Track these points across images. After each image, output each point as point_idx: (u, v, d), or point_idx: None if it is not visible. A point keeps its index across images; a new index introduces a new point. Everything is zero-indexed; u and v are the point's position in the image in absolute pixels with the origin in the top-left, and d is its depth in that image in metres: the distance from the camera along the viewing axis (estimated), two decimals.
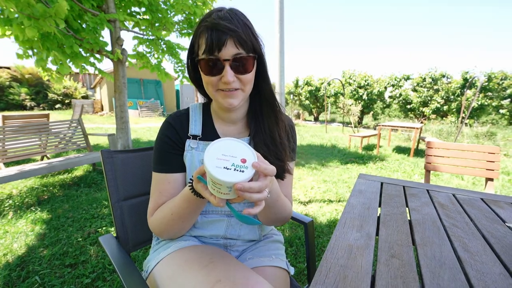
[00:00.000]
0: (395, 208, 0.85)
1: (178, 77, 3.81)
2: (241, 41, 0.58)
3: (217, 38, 0.56)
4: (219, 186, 0.44)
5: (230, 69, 0.59)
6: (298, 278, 1.50)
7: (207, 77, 0.61)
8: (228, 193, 0.45)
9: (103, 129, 7.78)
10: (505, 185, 3.53)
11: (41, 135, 2.95)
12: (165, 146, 0.68)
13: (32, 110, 14.98)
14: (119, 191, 0.87)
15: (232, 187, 0.44)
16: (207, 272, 0.56)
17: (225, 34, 0.56)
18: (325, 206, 2.52)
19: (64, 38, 2.62)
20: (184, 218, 0.63)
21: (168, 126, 0.70)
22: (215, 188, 0.46)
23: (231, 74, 0.59)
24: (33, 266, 1.53)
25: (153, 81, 14.50)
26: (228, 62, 0.58)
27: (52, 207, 2.34)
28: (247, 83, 0.63)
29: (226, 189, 0.44)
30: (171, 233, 0.68)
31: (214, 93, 0.63)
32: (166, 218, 0.64)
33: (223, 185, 0.44)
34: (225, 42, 0.56)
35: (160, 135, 0.69)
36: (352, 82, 13.25)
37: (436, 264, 0.55)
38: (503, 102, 11.30)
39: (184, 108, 0.75)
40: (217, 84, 0.61)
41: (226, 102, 0.63)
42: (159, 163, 0.68)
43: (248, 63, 0.60)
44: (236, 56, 0.58)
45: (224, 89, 0.61)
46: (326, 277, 0.50)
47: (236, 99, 0.63)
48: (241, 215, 0.48)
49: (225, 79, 0.59)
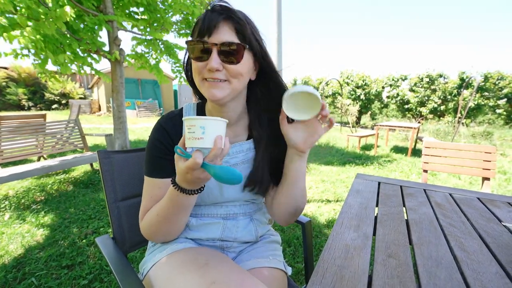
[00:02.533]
0: (392, 207, 0.86)
1: (176, 77, 3.80)
2: (237, 28, 0.56)
3: (210, 20, 0.54)
4: (193, 129, 0.46)
5: (217, 56, 0.55)
6: (297, 278, 1.51)
7: (195, 63, 0.58)
8: (201, 137, 0.46)
9: (100, 129, 7.74)
10: (501, 184, 3.56)
11: (37, 136, 2.93)
12: (156, 151, 0.65)
13: (29, 110, 14.88)
14: (116, 191, 0.86)
15: (205, 128, 0.46)
16: (202, 274, 0.55)
17: (219, 16, 0.54)
18: (323, 206, 2.53)
19: (63, 38, 2.61)
20: (169, 219, 0.61)
21: (159, 128, 0.66)
22: (189, 135, 0.47)
23: (217, 61, 0.55)
24: (30, 268, 1.52)
25: (151, 81, 14.45)
26: (216, 47, 0.55)
27: (49, 208, 2.32)
28: (235, 76, 0.58)
29: (199, 130, 0.46)
30: (160, 236, 0.66)
31: (200, 83, 0.60)
32: (153, 220, 0.62)
33: (196, 125, 0.46)
34: (217, 24, 0.54)
35: (152, 139, 0.66)
36: (350, 82, 13.29)
37: (433, 263, 0.55)
38: (499, 102, 11.40)
39: (178, 109, 0.72)
40: (201, 71, 0.58)
41: (209, 92, 0.58)
42: (150, 167, 0.65)
43: (239, 53, 0.56)
44: (226, 43, 0.54)
45: (209, 78, 0.58)
46: (323, 277, 0.50)
47: (221, 90, 0.58)
48: (220, 167, 0.47)
49: (209, 65, 0.55)
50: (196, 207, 0.71)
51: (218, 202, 0.70)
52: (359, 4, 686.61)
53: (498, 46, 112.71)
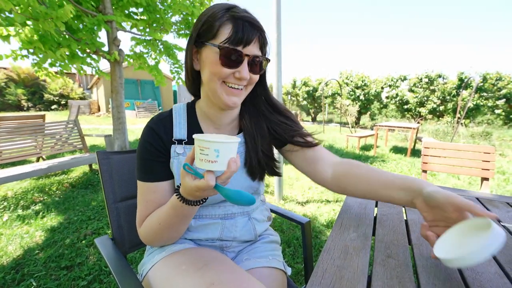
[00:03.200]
0: (391, 208, 0.86)
1: (174, 78, 3.80)
2: (265, 44, 0.60)
3: (248, 33, 0.56)
4: (206, 152, 0.45)
5: (247, 66, 0.59)
6: (296, 279, 1.50)
7: (220, 67, 0.57)
8: (215, 160, 0.45)
9: (100, 130, 7.73)
10: (500, 185, 3.56)
11: (36, 136, 2.93)
12: (147, 153, 0.63)
13: (29, 111, 14.86)
14: (115, 192, 0.86)
15: (220, 152, 0.44)
16: (201, 275, 0.55)
17: (255, 30, 0.57)
18: (322, 207, 2.53)
19: (62, 38, 2.61)
20: (172, 228, 0.61)
21: (149, 131, 0.64)
22: (202, 157, 0.45)
23: (247, 71, 0.59)
24: (28, 269, 1.51)
25: (150, 82, 14.45)
26: (248, 58, 0.58)
27: (47, 209, 2.32)
28: (253, 83, 0.64)
29: (214, 153, 0.44)
30: (161, 242, 0.66)
31: (218, 86, 0.60)
32: (154, 228, 0.61)
33: (211, 148, 0.44)
34: (254, 39, 0.57)
35: (142, 142, 0.64)
36: (350, 83, 13.30)
37: (432, 264, 0.55)
38: (498, 102, 11.42)
39: (167, 110, 0.70)
40: (227, 76, 0.59)
41: (230, 99, 0.61)
42: (142, 171, 0.64)
43: (261, 65, 0.62)
44: (256, 57, 0.59)
45: (232, 85, 0.60)
46: (322, 278, 0.50)
47: (240, 98, 0.63)
48: (234, 191, 0.47)
49: (241, 74, 0.58)
50: None
51: (216, 202, 0.70)
52: (359, 4, 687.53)
53: (497, 46, 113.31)
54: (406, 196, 0.58)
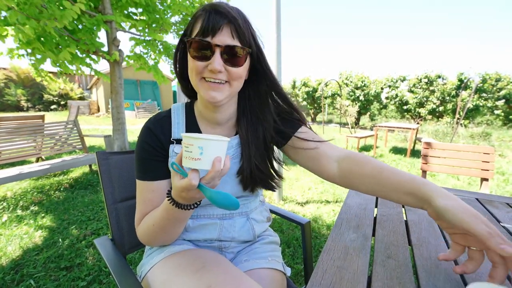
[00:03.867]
0: (391, 208, 0.86)
1: (175, 78, 3.80)
2: (239, 31, 0.55)
3: (214, 22, 0.54)
4: (190, 149, 0.44)
5: (220, 57, 0.55)
6: (296, 279, 1.50)
7: (194, 61, 0.57)
8: (199, 157, 0.43)
9: (99, 130, 7.73)
10: (500, 185, 3.57)
11: (36, 137, 2.92)
12: (145, 153, 0.63)
13: (28, 111, 14.84)
14: (114, 193, 0.86)
15: (203, 149, 0.43)
16: (199, 277, 0.55)
17: (223, 19, 0.54)
18: (322, 207, 2.53)
19: (61, 38, 2.61)
20: (165, 230, 0.60)
21: (147, 132, 0.64)
22: (186, 154, 0.44)
23: (220, 62, 0.55)
24: (28, 269, 1.51)
25: (150, 82, 14.45)
26: (219, 49, 0.55)
27: (47, 210, 2.31)
28: (236, 78, 0.59)
29: (197, 150, 0.43)
30: (157, 243, 0.66)
31: (198, 83, 0.58)
32: (149, 229, 0.61)
33: (194, 145, 0.43)
34: (222, 27, 0.54)
35: (140, 142, 0.64)
36: (349, 83, 13.31)
37: (432, 264, 0.55)
38: (497, 103, 11.43)
39: (166, 110, 0.70)
40: (202, 71, 0.57)
41: (208, 94, 0.57)
42: (141, 170, 0.64)
43: (241, 56, 0.57)
44: (229, 45, 0.55)
45: (209, 79, 0.57)
46: (322, 278, 0.50)
47: (221, 93, 0.58)
48: (217, 192, 0.45)
49: (212, 66, 0.54)
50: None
51: None
52: (359, 4, 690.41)
53: (497, 45, 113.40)
54: (415, 202, 0.53)
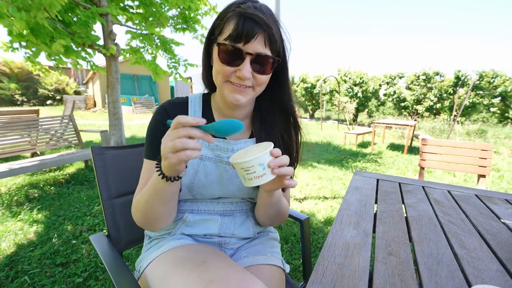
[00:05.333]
0: (391, 205, 0.85)
1: (172, 73, 3.75)
2: (271, 40, 0.55)
3: (249, 28, 0.52)
4: (252, 170, 0.47)
5: (249, 65, 0.55)
6: (294, 275, 1.50)
7: (222, 65, 0.56)
8: (264, 172, 0.48)
9: (95, 125, 7.65)
10: (495, 182, 3.60)
11: (30, 132, 2.87)
12: (158, 131, 0.63)
13: (22, 105, 14.64)
14: (110, 188, 0.84)
15: (266, 164, 0.48)
16: (200, 272, 0.54)
17: (258, 27, 0.53)
18: (320, 203, 2.53)
19: (55, 31, 2.55)
20: (154, 208, 0.59)
21: (162, 112, 0.65)
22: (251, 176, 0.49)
23: (249, 70, 0.55)
24: (22, 266, 1.49)
25: (147, 77, 14.29)
26: (250, 57, 0.55)
27: (42, 205, 2.29)
28: (261, 84, 0.60)
29: (259, 167, 0.48)
30: (147, 223, 0.63)
31: (222, 84, 0.59)
32: (139, 204, 0.61)
33: (255, 165, 0.47)
34: (256, 35, 0.53)
35: (154, 120, 0.65)
36: (348, 80, 13.30)
37: (434, 261, 0.54)
38: (493, 100, 11.51)
39: (182, 96, 0.71)
40: (229, 75, 0.57)
41: (232, 97, 0.58)
42: (150, 149, 0.65)
43: (269, 64, 0.57)
44: (260, 54, 0.55)
45: (235, 82, 0.58)
46: (323, 276, 0.49)
47: (245, 96, 0.59)
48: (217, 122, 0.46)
49: (241, 73, 0.55)
50: (193, 203, 0.70)
51: (215, 198, 0.69)
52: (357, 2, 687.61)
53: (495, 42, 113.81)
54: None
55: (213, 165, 0.67)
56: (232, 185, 0.68)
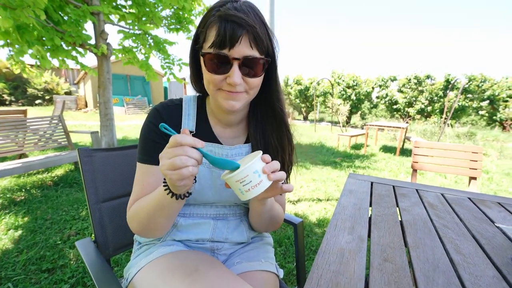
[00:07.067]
0: (386, 208, 0.84)
1: (165, 74, 3.70)
2: (257, 40, 0.52)
3: (231, 32, 0.50)
4: (248, 179, 0.46)
5: (239, 70, 0.53)
6: (288, 279, 1.49)
7: (210, 74, 0.54)
8: (261, 179, 0.46)
9: (86, 126, 7.50)
10: (484, 184, 3.67)
11: (17, 132, 2.78)
12: (152, 134, 0.62)
13: (10, 105, 14.24)
14: (98, 192, 0.81)
15: (260, 171, 0.46)
16: (191, 281, 0.51)
17: (241, 28, 0.50)
18: (314, 205, 2.52)
19: (43, 30, 2.48)
20: (156, 221, 0.57)
21: (156, 114, 0.64)
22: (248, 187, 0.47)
23: (239, 75, 0.53)
24: (6, 272, 1.43)
25: (140, 78, 14.12)
26: (237, 62, 0.52)
27: (28, 209, 2.21)
28: (254, 87, 0.58)
29: (255, 175, 0.46)
30: (146, 233, 0.61)
31: (215, 93, 0.57)
32: (140, 215, 0.58)
33: (250, 174, 0.45)
34: (240, 38, 0.50)
35: (147, 123, 0.63)
36: (341, 82, 13.42)
37: (430, 267, 0.53)
38: (482, 103, 11.80)
39: (178, 98, 0.68)
40: (219, 83, 0.55)
41: (227, 103, 0.57)
42: (143, 152, 0.62)
43: (259, 66, 0.55)
44: (248, 57, 0.52)
45: (227, 90, 0.56)
46: (317, 284, 0.47)
47: (239, 101, 0.57)
48: (217, 158, 0.47)
49: (231, 80, 0.52)
50: (185, 207, 0.68)
51: (208, 202, 0.67)
52: (352, 5, 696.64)
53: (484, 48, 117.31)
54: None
55: (207, 170, 0.65)
56: (226, 191, 0.66)
